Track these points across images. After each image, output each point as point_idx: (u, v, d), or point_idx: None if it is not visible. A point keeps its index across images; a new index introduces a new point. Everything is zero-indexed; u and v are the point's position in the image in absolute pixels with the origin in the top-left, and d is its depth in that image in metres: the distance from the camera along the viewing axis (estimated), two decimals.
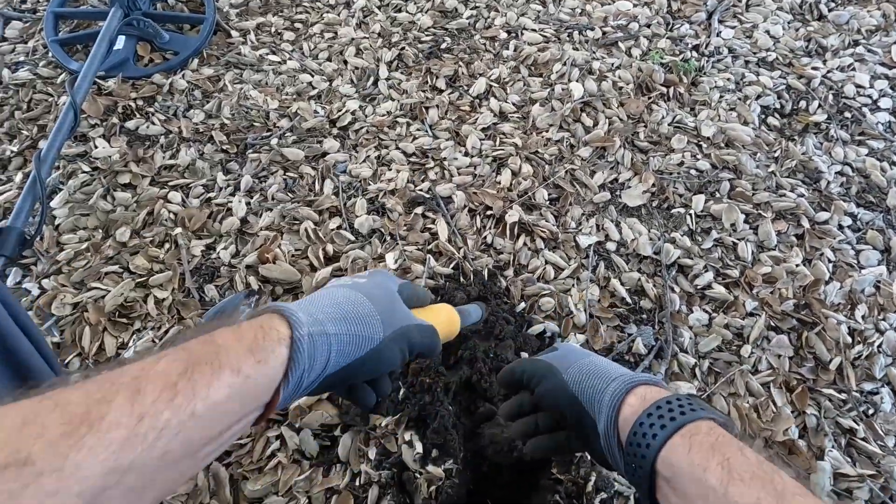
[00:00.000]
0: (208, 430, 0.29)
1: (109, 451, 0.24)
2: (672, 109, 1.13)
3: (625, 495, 0.72)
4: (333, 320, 0.39)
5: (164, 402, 0.26)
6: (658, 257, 0.94)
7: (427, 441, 0.73)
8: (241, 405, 0.31)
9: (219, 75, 1.17)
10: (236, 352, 0.31)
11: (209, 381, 0.29)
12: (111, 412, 0.25)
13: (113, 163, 1.02)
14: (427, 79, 1.18)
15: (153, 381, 0.27)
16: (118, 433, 0.24)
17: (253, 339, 0.33)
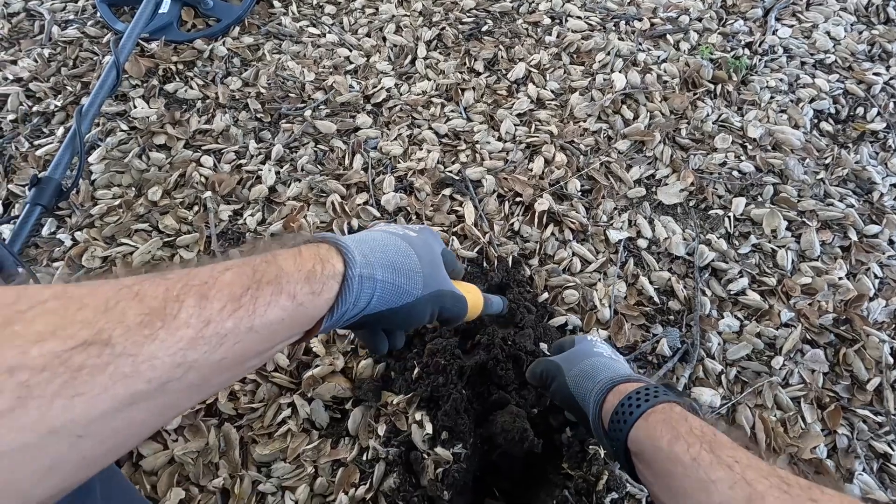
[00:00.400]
0: (259, 345, 0.30)
1: (178, 346, 0.25)
2: (718, 107, 1.09)
3: (637, 497, 0.70)
4: (383, 266, 0.40)
5: (229, 312, 0.28)
6: (691, 258, 0.90)
7: (438, 423, 0.71)
8: (289, 329, 0.33)
9: (258, 44, 1.17)
10: (295, 279, 0.33)
11: (269, 302, 0.30)
12: (182, 311, 0.26)
13: (150, 123, 1.03)
14: (465, 60, 1.15)
15: (220, 290, 0.28)
16: (187, 332, 0.26)
17: (311, 269, 0.34)
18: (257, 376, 0.77)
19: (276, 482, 0.70)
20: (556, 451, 0.74)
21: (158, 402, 0.25)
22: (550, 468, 0.72)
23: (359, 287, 0.37)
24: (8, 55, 1.12)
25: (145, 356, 0.24)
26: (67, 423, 0.22)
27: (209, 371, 0.27)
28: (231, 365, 0.29)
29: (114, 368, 0.23)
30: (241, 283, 0.30)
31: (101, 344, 0.23)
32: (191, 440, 0.73)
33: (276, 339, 0.32)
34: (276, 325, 0.31)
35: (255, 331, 0.29)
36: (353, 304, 0.37)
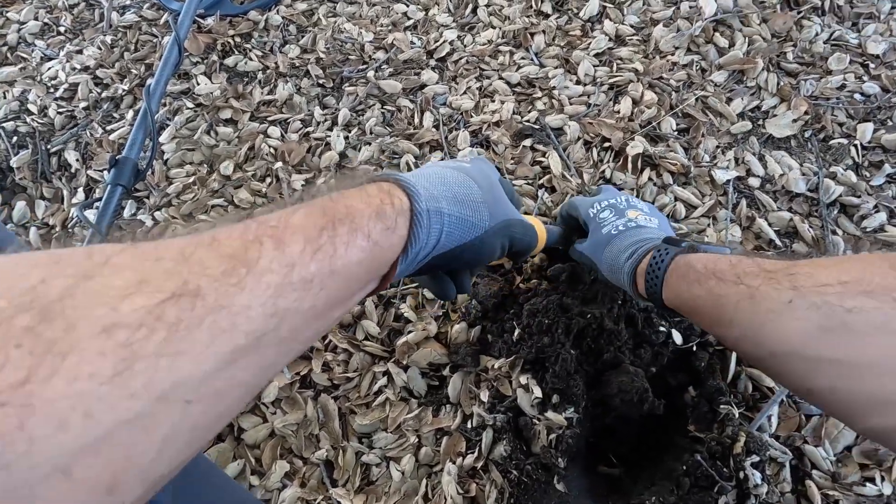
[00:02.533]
0: (341, 291, 0.28)
1: (267, 295, 0.23)
2: (828, 24, 0.95)
3: (779, 461, 0.62)
4: (447, 199, 0.38)
5: (309, 254, 0.25)
6: (814, 195, 0.79)
7: (546, 386, 0.66)
8: (367, 271, 0.30)
9: (312, 9, 1.13)
10: (367, 216, 0.30)
11: (346, 242, 0.28)
12: (263, 256, 0.23)
13: (214, 99, 1.01)
14: (531, 3, 1.06)
15: (295, 232, 0.26)
16: (273, 278, 0.23)
17: (380, 205, 0.32)
18: (349, 346, 0.74)
19: (380, 453, 0.67)
20: (680, 412, 0.67)
21: (257, 360, 0.22)
22: (675, 431, 0.66)
23: (428, 222, 0.35)
24: (73, 45, 1.13)
25: (239, 307, 0.21)
26: (176, 386, 0.19)
27: (300, 322, 0.25)
28: (319, 314, 0.26)
29: (211, 321, 0.20)
30: (315, 223, 0.27)
31: (191, 296, 0.20)
32: (289, 412, 0.71)
33: (356, 285, 0.30)
34: (356, 266, 0.29)
35: (337, 273, 0.27)
36: (425, 241, 0.35)
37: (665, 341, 0.68)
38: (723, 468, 0.60)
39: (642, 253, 0.50)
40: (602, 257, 0.56)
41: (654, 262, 0.47)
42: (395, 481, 0.65)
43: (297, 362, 0.74)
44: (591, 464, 0.70)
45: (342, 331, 0.76)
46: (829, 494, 0.60)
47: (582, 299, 0.72)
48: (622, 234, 0.56)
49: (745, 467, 0.60)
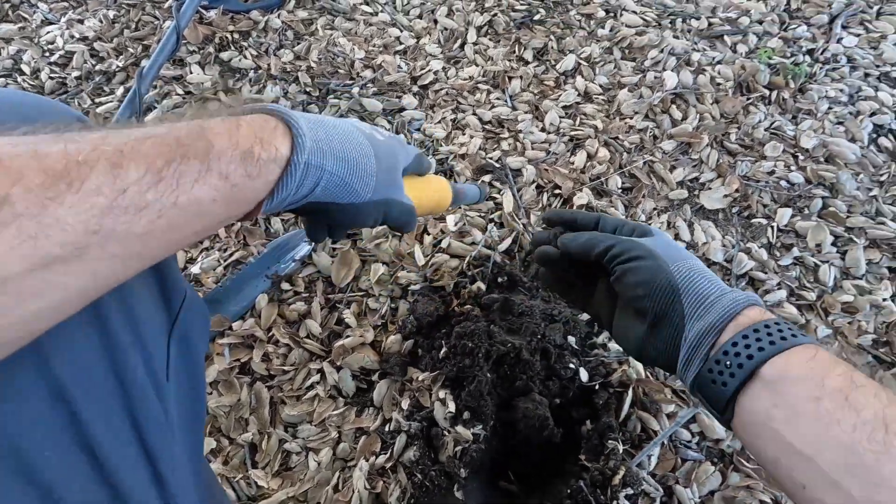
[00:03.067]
0: (189, 223, 0.29)
1: (90, 213, 0.24)
2: (772, 114, 1.06)
3: (651, 496, 0.70)
4: (336, 158, 0.38)
5: (148, 184, 0.26)
6: (729, 265, 0.89)
7: (461, 402, 0.73)
8: (224, 209, 0.31)
9: (312, 19, 1.19)
10: (228, 158, 0.30)
11: (195, 179, 0.28)
12: (92, 177, 0.24)
13: (204, 89, 1.07)
14: (515, 48, 1.15)
15: (137, 160, 0.26)
16: (99, 199, 0.24)
17: (248, 149, 0.31)
18: (290, 341, 0.80)
19: (302, 443, 0.73)
20: (575, 441, 0.74)
21: (81, 268, 0.24)
22: (568, 458, 0.73)
23: (302, 175, 0.35)
24: (76, 14, 1.17)
25: (50, 219, 0.23)
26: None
27: (136, 244, 0.26)
28: (159, 237, 0.27)
29: (16, 228, 0.22)
30: (163, 154, 0.27)
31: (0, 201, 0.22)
32: (224, 395, 0.76)
33: (211, 219, 0.30)
34: (208, 204, 0.29)
35: (181, 207, 0.28)
36: (294, 190, 0.35)
37: (573, 377, 0.76)
38: (601, 496, 0.68)
39: (743, 304, 0.38)
40: (687, 260, 0.42)
41: (794, 326, 0.36)
42: (311, 470, 0.71)
43: (239, 349, 0.79)
44: (493, 479, 0.77)
45: (287, 326, 0.82)
46: None
47: (507, 329, 0.79)
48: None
49: (619, 497, 0.68)
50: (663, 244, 0.44)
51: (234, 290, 0.84)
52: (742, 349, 0.35)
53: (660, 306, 0.40)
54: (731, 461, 0.73)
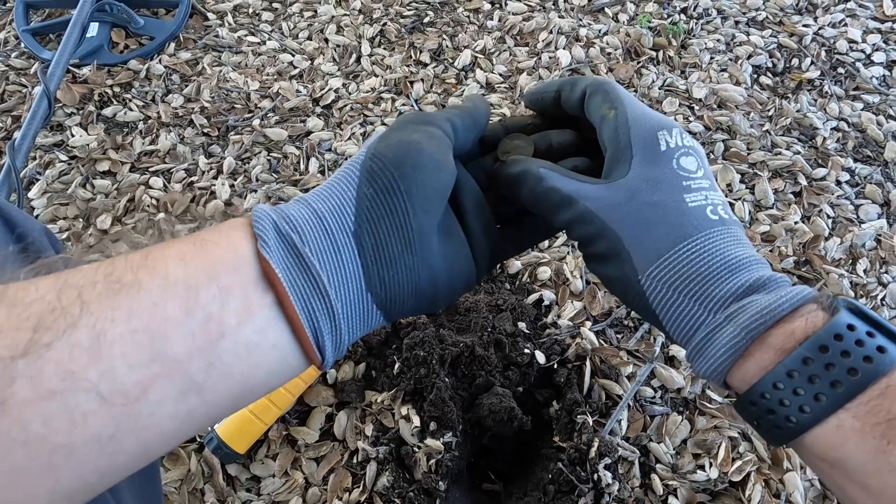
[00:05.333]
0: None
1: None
2: (662, 73, 1.11)
3: (629, 460, 0.70)
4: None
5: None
6: None
7: (424, 414, 0.71)
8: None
9: (197, 59, 1.14)
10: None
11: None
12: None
13: (91, 151, 0.99)
14: (411, 53, 1.15)
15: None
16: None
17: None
18: None
19: (268, 499, 0.68)
20: (546, 425, 0.74)
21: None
22: (542, 443, 0.73)
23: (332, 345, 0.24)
24: None
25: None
26: None
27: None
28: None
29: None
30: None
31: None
32: (171, 468, 0.70)
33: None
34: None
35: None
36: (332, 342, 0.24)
37: (530, 362, 0.76)
38: (581, 473, 0.67)
39: (795, 300, 0.24)
40: (655, 243, 0.26)
41: (840, 350, 0.22)
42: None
43: None
44: (474, 483, 0.75)
45: None
46: (669, 484, 0.69)
47: (457, 329, 0.78)
48: (719, 232, 0.26)
49: (598, 469, 0.67)
50: (672, 123, 0.29)
51: None
52: (768, 412, 0.23)
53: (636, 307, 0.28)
54: (696, 406, 0.75)
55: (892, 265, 0.87)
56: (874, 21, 1.17)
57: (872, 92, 1.07)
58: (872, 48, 1.13)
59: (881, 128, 1.02)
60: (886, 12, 1.18)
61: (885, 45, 1.13)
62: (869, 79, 1.08)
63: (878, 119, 1.03)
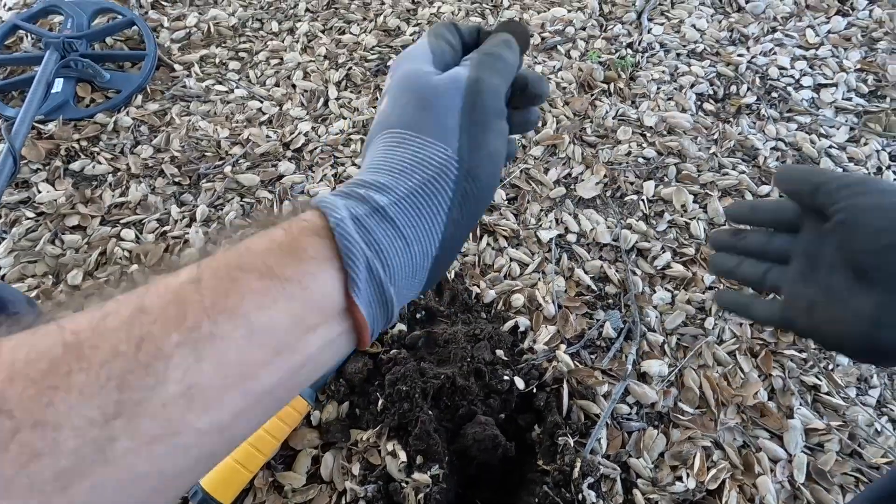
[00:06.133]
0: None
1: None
2: (615, 104, 1.18)
3: (611, 477, 0.73)
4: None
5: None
6: (617, 244, 0.97)
7: (410, 448, 0.72)
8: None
9: (165, 109, 1.16)
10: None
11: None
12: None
13: (59, 206, 0.98)
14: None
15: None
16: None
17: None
18: None
19: None
20: (529, 449, 0.76)
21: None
22: (526, 468, 0.74)
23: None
24: None
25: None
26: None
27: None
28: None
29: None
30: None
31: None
32: None
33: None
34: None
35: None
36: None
37: (510, 388, 0.78)
38: (566, 494, 0.69)
39: None
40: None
41: None
42: None
43: None
44: None
45: None
46: (650, 498, 0.71)
47: (437, 361, 0.80)
48: None
49: (582, 489, 0.70)
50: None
51: None
52: None
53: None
54: (670, 419, 0.78)
55: None
56: (800, 49, 1.28)
57: (804, 113, 1.16)
58: (800, 73, 1.24)
59: (814, 145, 1.11)
60: (809, 41, 1.30)
61: (811, 70, 1.24)
62: (800, 101, 1.18)
63: (810, 137, 1.12)
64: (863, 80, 1.22)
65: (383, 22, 1.33)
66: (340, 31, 1.33)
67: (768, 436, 0.77)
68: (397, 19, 1.34)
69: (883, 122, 1.15)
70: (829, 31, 1.31)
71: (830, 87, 1.21)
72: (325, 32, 1.32)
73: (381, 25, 1.33)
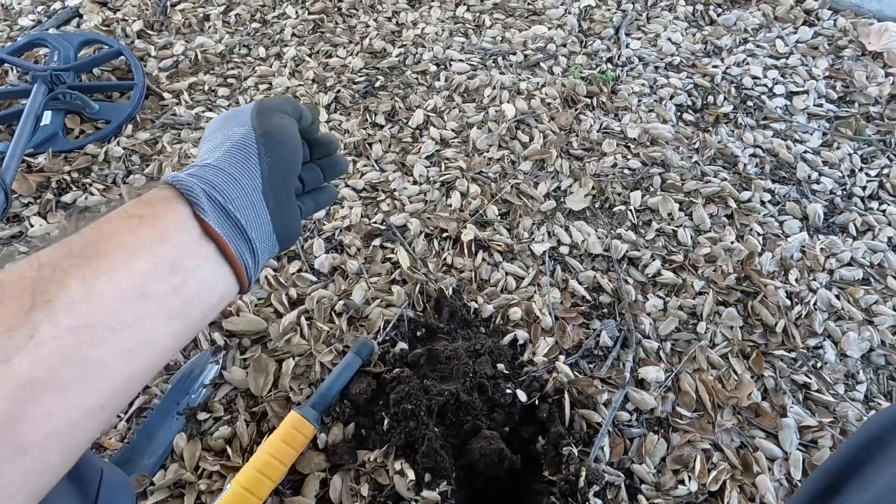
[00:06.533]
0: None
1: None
2: (598, 117, 1.22)
3: (615, 484, 0.74)
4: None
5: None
6: (608, 254, 0.99)
7: (418, 466, 0.72)
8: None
9: (156, 138, 1.16)
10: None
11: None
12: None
13: (52, 239, 0.98)
14: (366, 116, 1.21)
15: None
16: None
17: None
18: (221, 468, 0.74)
19: None
20: (535, 461, 0.77)
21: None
22: (532, 479, 0.76)
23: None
24: None
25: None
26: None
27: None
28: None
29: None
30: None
31: None
32: None
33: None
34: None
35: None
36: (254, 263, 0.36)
37: (513, 401, 0.79)
38: (573, 503, 0.71)
39: None
40: None
41: None
42: None
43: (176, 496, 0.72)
44: None
45: (215, 456, 0.76)
46: (655, 503, 0.73)
47: (440, 378, 0.81)
48: None
49: (588, 498, 0.71)
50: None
51: (145, 440, 0.76)
52: None
53: None
54: (669, 424, 0.80)
55: (818, 272, 0.97)
56: (771, 59, 1.34)
57: (778, 120, 1.21)
58: (773, 82, 1.29)
59: (790, 151, 1.15)
60: (780, 50, 1.36)
61: (783, 79, 1.29)
62: (774, 109, 1.23)
63: (786, 144, 1.17)
64: (832, 86, 1.27)
65: (369, 44, 1.36)
66: (327, 55, 1.35)
67: (764, 435, 0.79)
68: (383, 41, 1.37)
69: (853, 127, 1.20)
70: (797, 41, 1.37)
71: (802, 94, 1.26)
72: (313, 56, 1.35)
73: (367, 48, 1.36)
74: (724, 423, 0.80)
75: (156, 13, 1.43)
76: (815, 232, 1.04)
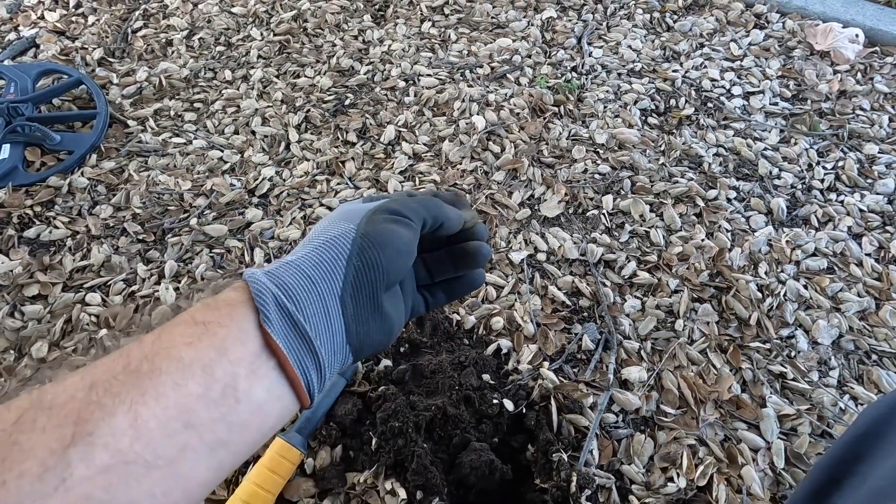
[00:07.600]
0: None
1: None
2: (566, 125, 1.25)
3: (606, 487, 0.75)
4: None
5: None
6: (585, 258, 1.01)
7: (409, 485, 0.72)
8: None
9: (122, 167, 1.14)
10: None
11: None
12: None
13: (16, 277, 0.95)
14: (338, 135, 1.21)
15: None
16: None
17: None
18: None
19: None
20: (525, 469, 0.77)
21: None
22: (525, 488, 0.75)
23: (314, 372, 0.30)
24: None
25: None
26: None
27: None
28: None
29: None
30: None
31: None
32: None
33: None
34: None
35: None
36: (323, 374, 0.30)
37: (500, 411, 0.79)
38: None
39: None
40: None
41: None
42: None
43: None
44: None
45: None
46: (646, 503, 0.73)
47: (426, 393, 0.81)
48: None
49: (581, 502, 0.71)
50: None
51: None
52: None
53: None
54: (654, 422, 0.82)
55: (786, 264, 1.01)
56: (727, 61, 1.39)
57: (738, 120, 1.26)
58: (730, 83, 1.34)
59: (751, 149, 1.20)
60: (734, 53, 1.41)
61: (739, 80, 1.35)
62: (733, 109, 1.28)
63: (747, 142, 1.21)
64: (785, 85, 1.33)
65: (337, 63, 1.36)
66: (295, 75, 1.35)
67: (746, 427, 0.81)
68: (350, 59, 1.37)
69: (808, 123, 1.25)
70: (750, 44, 1.43)
71: (758, 94, 1.31)
72: (280, 77, 1.34)
73: (334, 67, 1.36)
74: (708, 418, 0.81)
75: (116, 40, 1.41)
76: (780, 225, 1.08)
